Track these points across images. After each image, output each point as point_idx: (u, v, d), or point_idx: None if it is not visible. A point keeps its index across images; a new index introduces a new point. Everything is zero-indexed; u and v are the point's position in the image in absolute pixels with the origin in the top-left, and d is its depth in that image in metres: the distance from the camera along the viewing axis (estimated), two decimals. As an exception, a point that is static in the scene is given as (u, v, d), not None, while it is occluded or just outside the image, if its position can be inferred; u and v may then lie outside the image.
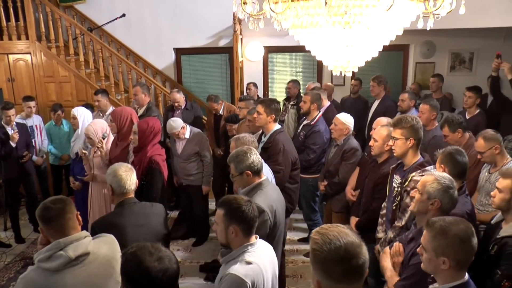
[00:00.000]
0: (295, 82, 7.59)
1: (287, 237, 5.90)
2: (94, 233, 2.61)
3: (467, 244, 2.15)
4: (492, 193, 3.03)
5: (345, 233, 1.72)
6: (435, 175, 2.80)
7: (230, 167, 3.29)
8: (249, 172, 3.19)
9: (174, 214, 6.60)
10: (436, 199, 2.72)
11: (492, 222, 3.11)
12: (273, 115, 4.46)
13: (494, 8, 5.60)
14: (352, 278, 1.68)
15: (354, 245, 1.68)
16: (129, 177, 3.05)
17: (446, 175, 2.83)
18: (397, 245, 2.97)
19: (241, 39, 7.74)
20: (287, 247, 5.66)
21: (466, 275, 2.20)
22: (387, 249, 3.14)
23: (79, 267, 2.30)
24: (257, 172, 3.24)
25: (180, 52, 8.54)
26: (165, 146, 5.83)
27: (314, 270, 1.75)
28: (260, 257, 2.49)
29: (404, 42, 8.03)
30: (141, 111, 6.07)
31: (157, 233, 3.06)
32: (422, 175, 3.22)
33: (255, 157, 3.22)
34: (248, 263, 2.41)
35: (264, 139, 4.46)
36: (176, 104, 6.47)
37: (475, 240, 2.18)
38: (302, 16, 2.37)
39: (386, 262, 3.03)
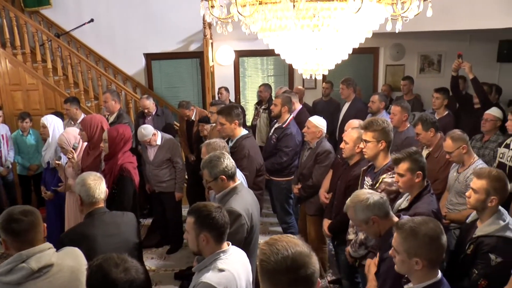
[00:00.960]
0: (266, 86, 7.59)
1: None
2: (63, 245, 2.54)
3: (437, 242, 2.19)
4: (467, 194, 3.05)
5: (294, 243, 1.70)
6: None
7: (204, 173, 3.26)
8: (224, 176, 3.17)
9: (147, 222, 6.50)
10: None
11: (467, 221, 3.15)
12: (236, 121, 4.44)
13: (459, 12, 5.73)
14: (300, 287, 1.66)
15: (302, 254, 1.66)
16: (98, 186, 2.98)
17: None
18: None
19: (212, 43, 7.69)
20: (261, 251, 5.65)
21: (439, 273, 2.23)
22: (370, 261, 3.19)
23: (42, 279, 2.22)
24: (231, 177, 3.22)
25: (150, 57, 8.44)
26: (136, 153, 5.74)
27: (262, 282, 1.72)
28: (233, 264, 2.45)
29: (374, 45, 8.13)
30: (111, 119, 5.98)
31: (128, 243, 3.00)
32: (392, 177, 3.25)
33: (228, 161, 3.21)
34: (221, 270, 2.38)
35: (230, 144, 4.43)
36: (146, 111, 6.39)
37: (444, 238, 2.22)
38: (271, 20, 2.35)
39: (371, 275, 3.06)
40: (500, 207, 2.91)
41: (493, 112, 4.85)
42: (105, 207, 3.07)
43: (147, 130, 5.30)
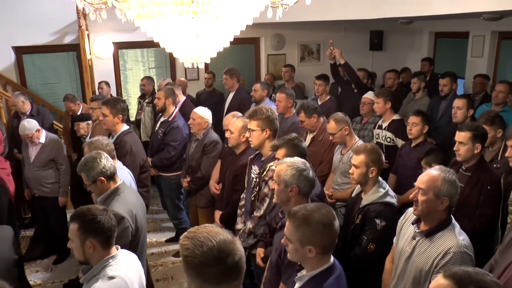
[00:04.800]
0: (149, 78, 7.37)
1: (154, 239, 5.74)
2: None
3: (331, 229, 2.20)
4: (350, 171, 3.26)
5: (215, 232, 1.64)
6: (287, 163, 2.86)
7: (82, 177, 3.06)
8: (102, 178, 3.01)
9: (29, 232, 5.98)
10: (293, 185, 2.78)
11: (353, 195, 3.36)
12: (120, 115, 4.29)
13: (335, 3, 6.02)
14: (231, 276, 1.62)
15: (227, 242, 1.62)
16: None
17: (297, 159, 2.90)
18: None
19: (88, 35, 7.24)
20: (155, 249, 5.52)
21: (332, 258, 2.26)
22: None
23: None
24: (111, 177, 3.06)
25: (20, 51, 7.68)
26: (11, 158, 5.23)
27: (190, 277, 1.64)
28: (124, 269, 2.32)
29: (255, 35, 8.24)
30: (-24, 122, 5.36)
31: (6, 260, 2.73)
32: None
33: (106, 161, 3.03)
34: (111, 278, 2.24)
35: (111, 140, 4.21)
36: (19, 110, 5.84)
37: (337, 223, 2.24)
38: (147, 6, 2.22)
39: None
40: (379, 177, 3.18)
41: (369, 95, 5.23)
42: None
43: (31, 124, 4.91)
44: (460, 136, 3.39)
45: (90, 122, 5.37)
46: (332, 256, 2.26)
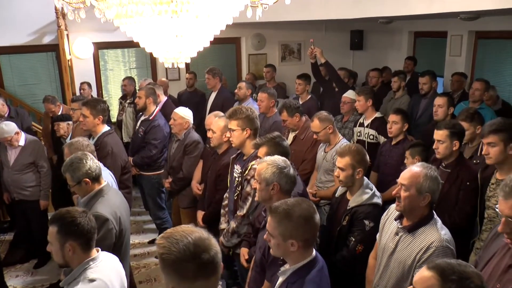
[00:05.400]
0: (130, 79, 7.30)
1: (137, 241, 5.69)
2: None
3: (312, 222, 2.24)
4: (335, 173, 3.26)
5: (190, 230, 1.69)
6: (267, 161, 2.88)
7: (66, 177, 3.03)
8: (87, 179, 2.98)
9: (9, 236, 5.89)
10: (274, 182, 2.79)
11: (336, 195, 3.37)
12: (101, 116, 4.25)
13: (315, 3, 6.06)
14: (208, 271, 1.65)
15: (202, 238, 1.66)
16: None
17: (277, 157, 2.92)
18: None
19: (67, 35, 7.14)
20: (137, 251, 5.48)
21: (314, 251, 2.29)
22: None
23: None
24: (96, 178, 3.03)
25: (-3, 51, 7.54)
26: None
27: (167, 276, 1.66)
28: (105, 272, 2.30)
29: (236, 35, 8.25)
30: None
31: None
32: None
33: (92, 162, 3.01)
34: (92, 280, 2.22)
35: (92, 141, 4.17)
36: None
37: (317, 217, 2.28)
38: (127, 5, 2.20)
39: None
40: (364, 177, 3.18)
41: (349, 94, 5.27)
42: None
43: (9, 126, 4.83)
44: (438, 134, 3.45)
45: (70, 122, 5.31)
46: (314, 249, 2.30)
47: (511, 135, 2.99)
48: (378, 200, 3.12)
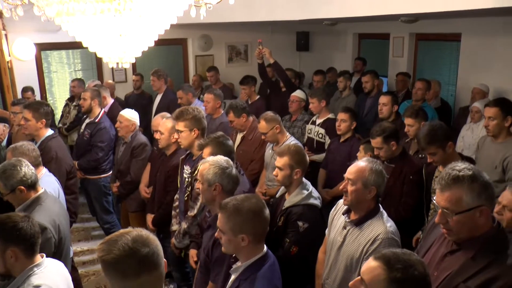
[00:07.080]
0: (80, 81, 7.02)
1: (85, 248, 5.53)
2: None
3: (261, 216, 2.28)
4: (274, 173, 3.23)
5: (127, 231, 1.70)
6: (209, 161, 2.88)
7: None
8: (22, 187, 2.83)
9: None
10: (216, 183, 2.80)
11: (277, 196, 3.36)
12: (44, 119, 4.09)
13: (261, 4, 6.11)
14: (150, 266, 1.65)
15: (140, 235, 1.68)
16: None
17: (220, 157, 2.93)
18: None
19: (6, 35, 6.81)
20: (86, 258, 5.33)
21: (265, 247, 2.32)
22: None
23: None
24: (32, 186, 2.89)
25: None
26: None
27: (111, 279, 1.65)
28: (50, 277, 2.23)
29: (182, 36, 8.16)
30: None
31: None
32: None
33: (27, 169, 2.86)
34: (37, 286, 2.13)
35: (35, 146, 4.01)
36: None
37: (267, 211, 2.31)
38: (68, 2, 2.13)
39: None
40: (303, 178, 3.15)
41: (298, 94, 5.35)
42: None
43: None
44: (374, 142, 3.63)
45: (6, 125, 5.05)
46: (265, 245, 2.32)
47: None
48: (315, 201, 3.06)
